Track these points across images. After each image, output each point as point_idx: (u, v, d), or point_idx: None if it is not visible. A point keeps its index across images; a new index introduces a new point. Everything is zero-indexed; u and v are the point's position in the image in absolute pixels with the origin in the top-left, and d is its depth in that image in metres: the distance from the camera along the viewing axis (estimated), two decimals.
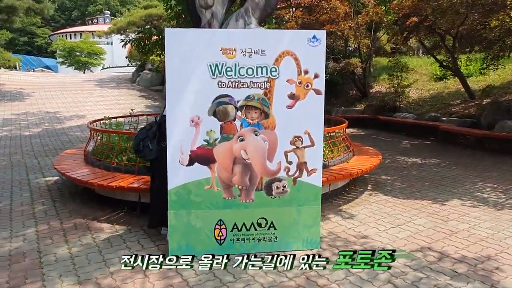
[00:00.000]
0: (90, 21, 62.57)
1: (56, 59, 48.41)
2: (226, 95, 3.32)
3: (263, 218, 3.51)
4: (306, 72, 3.36)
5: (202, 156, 3.37)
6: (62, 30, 59.22)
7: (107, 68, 41.66)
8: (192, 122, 3.33)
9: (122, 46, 11.94)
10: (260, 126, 3.39)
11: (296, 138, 3.44)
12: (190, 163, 3.37)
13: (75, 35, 54.92)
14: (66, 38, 51.08)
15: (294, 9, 14.28)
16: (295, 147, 3.45)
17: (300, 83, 3.37)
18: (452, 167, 7.22)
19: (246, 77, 3.31)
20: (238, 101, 3.33)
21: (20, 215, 4.68)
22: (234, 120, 3.36)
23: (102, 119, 6.37)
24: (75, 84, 22.07)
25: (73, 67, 42.52)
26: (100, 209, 4.78)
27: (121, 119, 7.55)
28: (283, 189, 3.48)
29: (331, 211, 4.72)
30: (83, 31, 51.73)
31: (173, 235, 3.43)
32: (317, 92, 3.41)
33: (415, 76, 15.46)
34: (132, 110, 7.83)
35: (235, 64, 3.29)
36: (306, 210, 3.55)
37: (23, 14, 16.63)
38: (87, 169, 5.02)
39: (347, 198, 5.28)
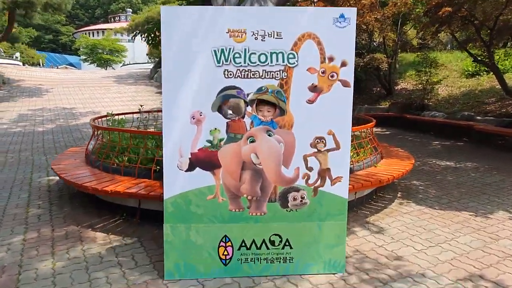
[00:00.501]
0: (112, 19, 63.45)
1: (79, 56, 49.22)
2: (234, 87, 2.75)
3: (276, 234, 2.93)
4: (331, 59, 2.76)
5: (204, 160, 2.82)
6: (85, 28, 60.22)
7: (127, 64, 41.90)
8: (193, 118, 2.78)
9: (132, 38, 11.55)
10: (275, 125, 2.80)
11: (318, 140, 2.84)
12: (190, 168, 2.83)
13: (97, 32, 55.76)
14: (89, 36, 51.87)
15: (316, 0, 13.59)
16: (316, 150, 2.85)
17: (323, 72, 2.77)
18: (493, 172, 6.44)
19: (258, 65, 2.74)
20: (248, 94, 2.76)
21: (12, 220, 4.26)
22: (243, 117, 2.79)
23: (106, 116, 5.93)
24: (94, 81, 22.03)
25: (96, 64, 43.06)
26: (97, 215, 4.31)
27: (129, 116, 7.11)
28: (301, 201, 2.89)
29: (356, 223, 4.10)
30: (105, 29, 52.38)
31: (170, 253, 2.90)
32: (344, 83, 2.80)
33: (445, 72, 14.50)
34: (141, 106, 7.38)
35: (245, 49, 2.72)
36: (329, 226, 2.95)
37: (41, 10, 16.56)
38: (85, 170, 4.57)
39: (374, 207, 4.63)
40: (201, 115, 2.78)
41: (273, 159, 2.80)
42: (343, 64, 2.76)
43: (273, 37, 2.71)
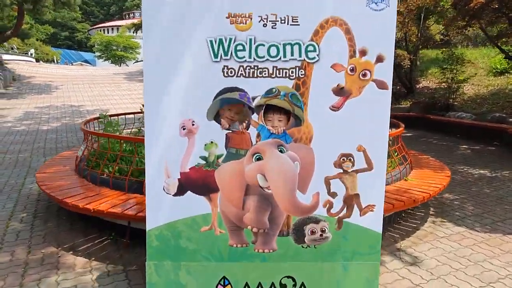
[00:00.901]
0: (127, 16, 63.55)
1: (95, 53, 49.37)
2: (236, 89, 2.13)
3: (289, 277, 2.30)
4: (363, 53, 2.10)
5: (197, 182, 2.21)
6: (100, 25, 60.42)
7: (140, 61, 41.74)
8: (183, 129, 2.17)
9: (133, 32, 11.03)
10: (288, 138, 2.17)
11: (345, 158, 2.19)
12: (180, 191, 2.22)
13: (112, 29, 55.92)
14: (104, 33, 51.93)
15: None
16: (342, 171, 2.21)
17: (353, 70, 2.12)
18: None
19: (268, 60, 2.11)
20: (253, 99, 2.14)
21: None
22: (248, 127, 2.17)
23: (98, 118, 5.38)
24: (104, 77, 21.74)
25: (110, 61, 43.06)
26: (83, 233, 3.76)
27: (131, 116, 6.56)
28: (321, 235, 2.25)
29: (385, 249, 3.44)
30: (119, 26, 52.35)
31: None
32: (380, 84, 2.14)
33: (470, 70, 13.57)
34: (143, 105, 6.83)
35: (250, 40, 2.09)
36: (357, 267, 2.31)
37: (50, 5, 16.26)
38: (71, 180, 4.01)
39: (404, 228, 3.95)
40: (193, 125, 2.17)
41: (286, 181, 2.16)
42: (379, 59, 2.11)
43: (287, 23, 2.07)
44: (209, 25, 2.09)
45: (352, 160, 2.20)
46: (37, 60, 33.18)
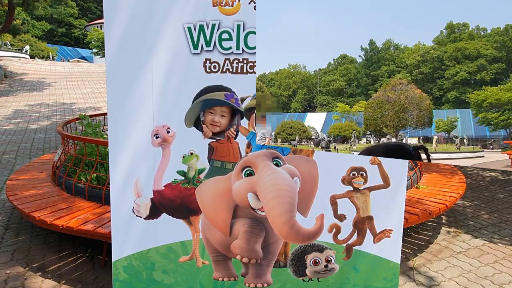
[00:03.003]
0: None
1: (91, 49, 48.72)
2: (221, 87, 1.72)
3: None
4: None
5: (174, 202, 1.81)
6: (97, 21, 59.67)
7: None
8: (157, 138, 1.76)
9: None
10: (286, 148, 1.77)
11: (355, 172, 1.79)
12: (153, 213, 1.82)
13: None
14: (101, 29, 51.22)
15: None
16: (352, 188, 1.80)
17: None
18: None
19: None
20: (243, 100, 1.73)
21: None
22: (236, 136, 1.76)
23: (77, 119, 4.95)
24: (99, 74, 21.30)
25: None
26: (57, 249, 3.36)
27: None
28: (326, 266, 1.85)
29: None
30: None
31: None
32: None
33: None
34: None
35: (239, 26, 1.68)
36: None
37: (44, 0, 15.79)
38: (44, 189, 3.59)
39: (416, 241, 3.56)
40: (168, 133, 1.76)
41: (283, 201, 1.75)
42: None
43: None
44: (186, 8, 1.67)
45: (365, 175, 1.79)
46: (32, 57, 32.58)
